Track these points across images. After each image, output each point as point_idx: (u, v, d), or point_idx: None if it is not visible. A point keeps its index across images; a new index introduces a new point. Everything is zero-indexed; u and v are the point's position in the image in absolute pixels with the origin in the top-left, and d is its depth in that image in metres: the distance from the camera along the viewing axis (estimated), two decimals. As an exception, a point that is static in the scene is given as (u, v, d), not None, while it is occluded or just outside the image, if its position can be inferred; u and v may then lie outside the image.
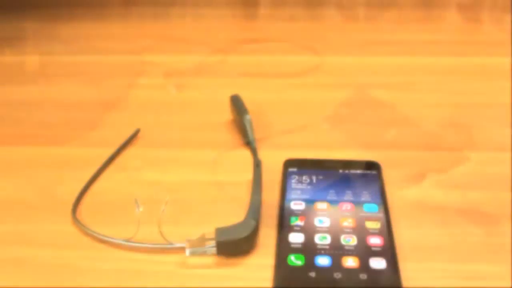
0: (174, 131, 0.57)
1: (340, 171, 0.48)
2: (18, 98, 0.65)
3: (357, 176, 0.48)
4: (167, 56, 0.75)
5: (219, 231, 0.40)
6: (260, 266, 0.40)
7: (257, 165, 0.49)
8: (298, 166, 0.49)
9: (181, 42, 0.80)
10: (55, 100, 0.64)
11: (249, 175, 0.49)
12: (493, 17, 0.86)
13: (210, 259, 0.41)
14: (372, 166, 0.49)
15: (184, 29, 0.84)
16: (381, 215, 0.43)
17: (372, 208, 0.44)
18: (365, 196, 0.45)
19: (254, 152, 0.52)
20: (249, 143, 0.53)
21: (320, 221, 0.42)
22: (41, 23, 0.87)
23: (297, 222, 0.42)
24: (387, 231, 0.41)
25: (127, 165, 0.52)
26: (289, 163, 0.50)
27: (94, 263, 0.41)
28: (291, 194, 0.46)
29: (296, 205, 0.44)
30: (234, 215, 0.45)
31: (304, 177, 0.48)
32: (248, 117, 0.54)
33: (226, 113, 0.58)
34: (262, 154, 0.52)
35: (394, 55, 0.74)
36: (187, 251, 0.40)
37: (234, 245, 0.40)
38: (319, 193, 0.46)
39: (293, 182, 0.47)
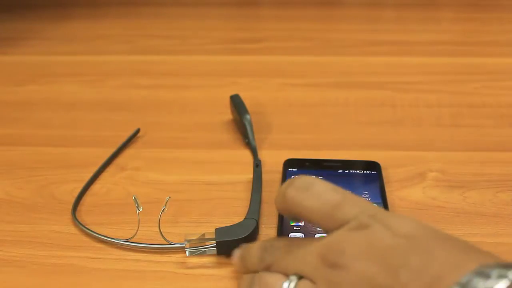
0: (174, 131, 0.57)
1: (340, 171, 0.48)
2: (18, 98, 0.65)
3: (357, 176, 0.48)
4: (167, 56, 0.75)
5: (219, 231, 0.40)
6: (260, 266, 0.40)
7: (257, 165, 0.49)
8: (298, 166, 0.49)
9: (181, 42, 0.80)
10: (55, 100, 0.64)
11: (249, 175, 0.49)
12: (493, 17, 0.86)
13: (210, 259, 0.41)
14: (372, 166, 0.49)
15: (184, 29, 0.84)
16: (381, 215, 0.43)
17: (372, 208, 0.44)
18: (365, 196, 0.45)
19: (254, 152, 0.52)
20: (249, 143, 0.53)
21: (320, 221, 0.42)
22: (41, 23, 0.87)
23: (297, 222, 0.42)
24: (387, 231, 0.41)
25: (127, 165, 0.52)
26: (289, 163, 0.50)
27: (94, 263, 0.41)
28: (291, 194, 0.45)
29: (296, 205, 0.44)
30: (234, 215, 0.45)
31: (304, 177, 0.48)
32: (248, 117, 0.54)
33: (226, 113, 0.58)
34: (262, 154, 0.52)
35: (394, 55, 0.74)
36: (187, 251, 0.40)
37: (234, 245, 0.40)
38: (319, 193, 0.46)
39: (293, 182, 0.47)
